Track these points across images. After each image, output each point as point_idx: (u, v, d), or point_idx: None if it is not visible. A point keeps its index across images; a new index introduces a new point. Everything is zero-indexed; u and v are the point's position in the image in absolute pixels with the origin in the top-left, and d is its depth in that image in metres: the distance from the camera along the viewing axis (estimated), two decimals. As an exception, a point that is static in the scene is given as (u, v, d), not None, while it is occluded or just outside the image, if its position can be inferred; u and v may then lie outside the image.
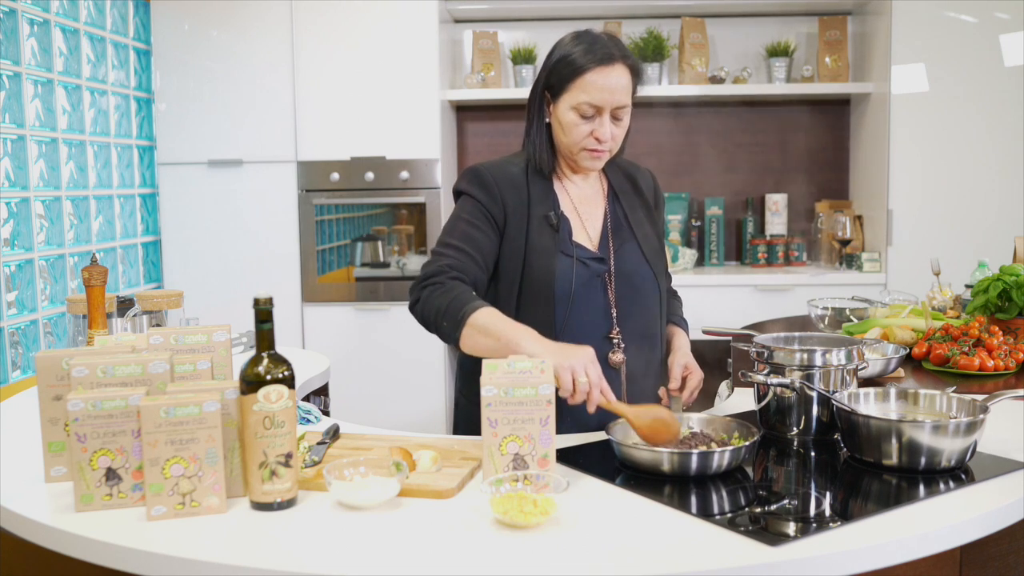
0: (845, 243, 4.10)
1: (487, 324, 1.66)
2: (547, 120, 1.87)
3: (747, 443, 1.48)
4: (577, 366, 1.56)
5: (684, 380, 1.88)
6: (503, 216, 1.85)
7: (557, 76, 1.82)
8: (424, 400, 3.96)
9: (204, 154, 3.94)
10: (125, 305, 2.35)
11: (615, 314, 1.86)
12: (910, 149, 3.90)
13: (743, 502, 1.37)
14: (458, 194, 1.91)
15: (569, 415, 1.75)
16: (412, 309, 1.80)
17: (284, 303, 3.96)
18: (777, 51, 4.20)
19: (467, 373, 1.92)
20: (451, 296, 1.72)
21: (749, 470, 1.52)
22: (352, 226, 4.06)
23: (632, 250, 1.92)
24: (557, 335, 1.79)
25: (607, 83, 1.78)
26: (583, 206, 1.93)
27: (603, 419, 1.62)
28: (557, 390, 1.59)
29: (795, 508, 1.36)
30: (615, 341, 1.85)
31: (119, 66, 3.72)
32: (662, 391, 1.88)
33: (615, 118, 1.82)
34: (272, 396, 1.32)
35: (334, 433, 1.70)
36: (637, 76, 1.83)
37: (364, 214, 4.07)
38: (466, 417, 1.93)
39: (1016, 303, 2.36)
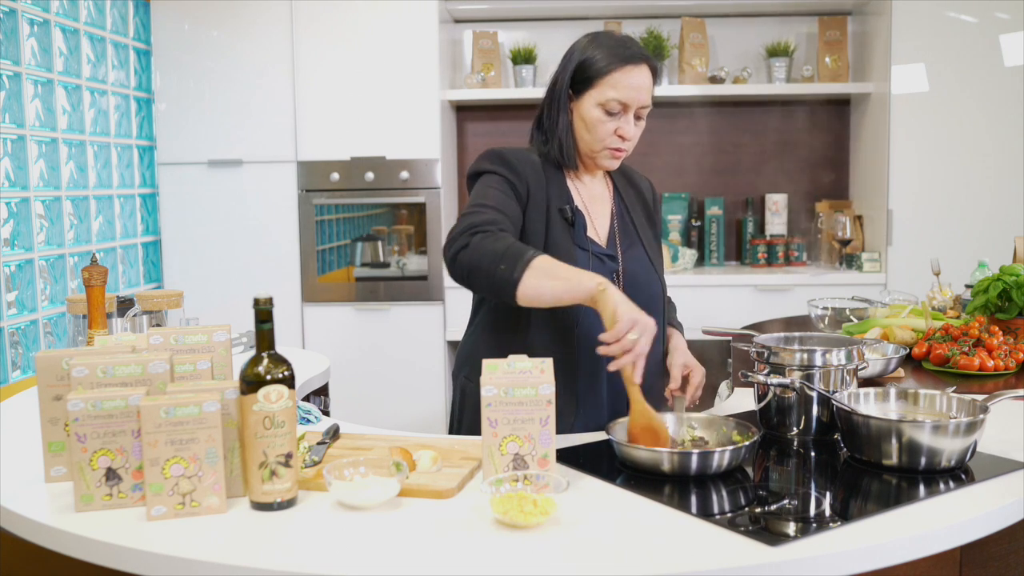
0: (845, 243, 4.10)
1: (554, 267, 1.62)
2: (569, 119, 1.87)
3: (747, 443, 1.48)
4: (640, 324, 1.52)
5: (686, 379, 1.89)
6: (526, 196, 1.83)
7: (583, 72, 1.82)
8: (424, 400, 3.96)
9: (204, 154, 3.94)
10: (125, 305, 2.35)
11: None
12: (910, 149, 3.90)
13: (743, 502, 1.37)
14: (477, 175, 1.87)
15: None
16: (456, 256, 1.68)
17: (284, 303, 3.96)
18: (777, 51, 4.20)
19: (478, 362, 1.88)
20: (509, 242, 1.65)
21: (749, 470, 1.52)
22: (352, 226, 4.06)
23: (639, 252, 1.94)
24: (574, 328, 1.80)
25: (635, 81, 1.80)
26: (592, 205, 1.94)
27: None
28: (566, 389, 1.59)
29: (795, 508, 1.36)
30: None
31: (119, 66, 3.72)
32: (668, 392, 1.88)
33: (637, 117, 1.84)
34: (272, 396, 1.32)
35: (334, 433, 1.70)
36: (656, 79, 1.86)
37: (364, 214, 4.07)
38: (474, 406, 1.85)
39: (1016, 303, 2.36)
